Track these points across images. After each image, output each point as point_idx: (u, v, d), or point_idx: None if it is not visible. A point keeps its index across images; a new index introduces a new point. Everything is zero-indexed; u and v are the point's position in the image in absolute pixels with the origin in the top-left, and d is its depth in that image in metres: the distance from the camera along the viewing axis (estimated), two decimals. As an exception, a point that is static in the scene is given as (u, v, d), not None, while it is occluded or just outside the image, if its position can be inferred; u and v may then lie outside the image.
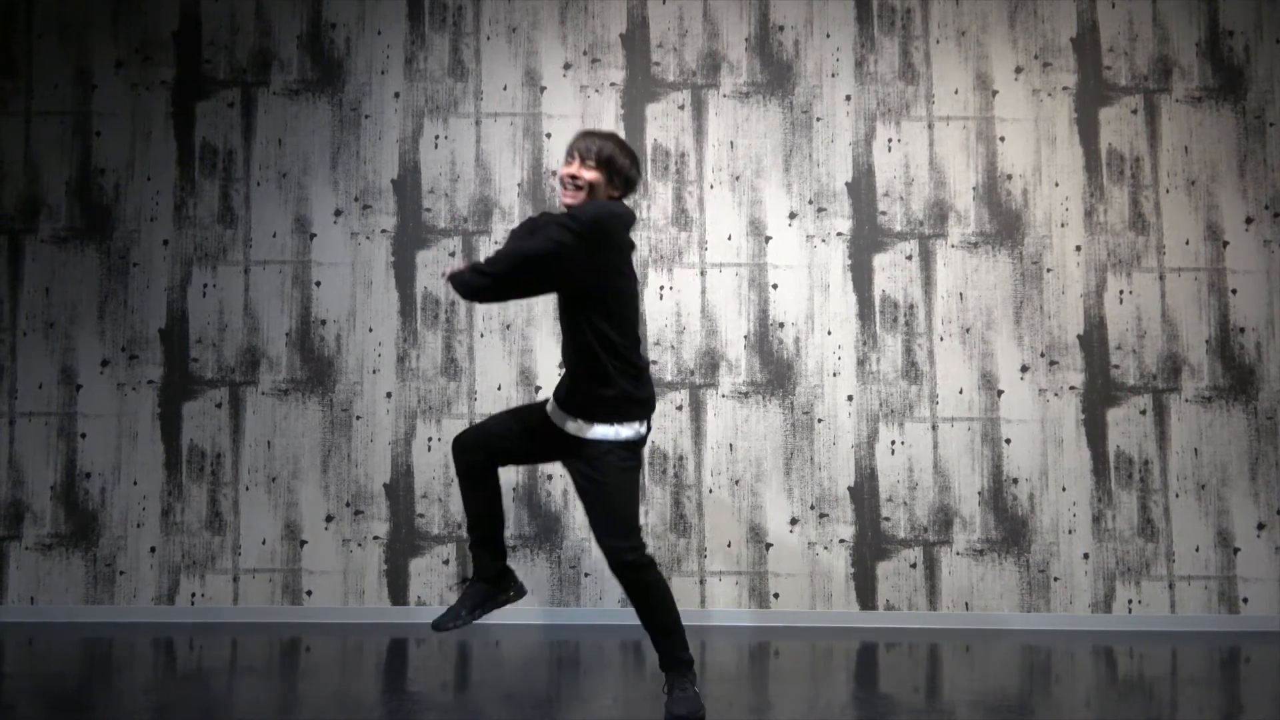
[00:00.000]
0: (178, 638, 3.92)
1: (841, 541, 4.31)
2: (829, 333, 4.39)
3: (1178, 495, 4.31)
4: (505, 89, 4.52)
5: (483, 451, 2.89)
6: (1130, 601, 4.27)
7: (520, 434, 2.91)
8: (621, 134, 4.46)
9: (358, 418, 4.39)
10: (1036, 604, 4.27)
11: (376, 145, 4.51)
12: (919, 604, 4.29)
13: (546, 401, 2.96)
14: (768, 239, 4.44)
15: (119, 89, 4.55)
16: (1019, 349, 4.38)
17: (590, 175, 2.79)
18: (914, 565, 4.30)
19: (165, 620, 4.29)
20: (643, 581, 2.77)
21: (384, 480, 4.37)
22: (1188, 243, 4.42)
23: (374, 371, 4.41)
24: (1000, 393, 4.36)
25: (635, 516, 2.80)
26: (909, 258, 4.43)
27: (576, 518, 4.33)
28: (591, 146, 2.80)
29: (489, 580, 2.97)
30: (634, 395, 2.79)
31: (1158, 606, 4.27)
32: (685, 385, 4.37)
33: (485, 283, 2.71)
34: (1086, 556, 4.29)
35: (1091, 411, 4.35)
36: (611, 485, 2.77)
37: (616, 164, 2.82)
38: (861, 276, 4.42)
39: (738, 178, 4.46)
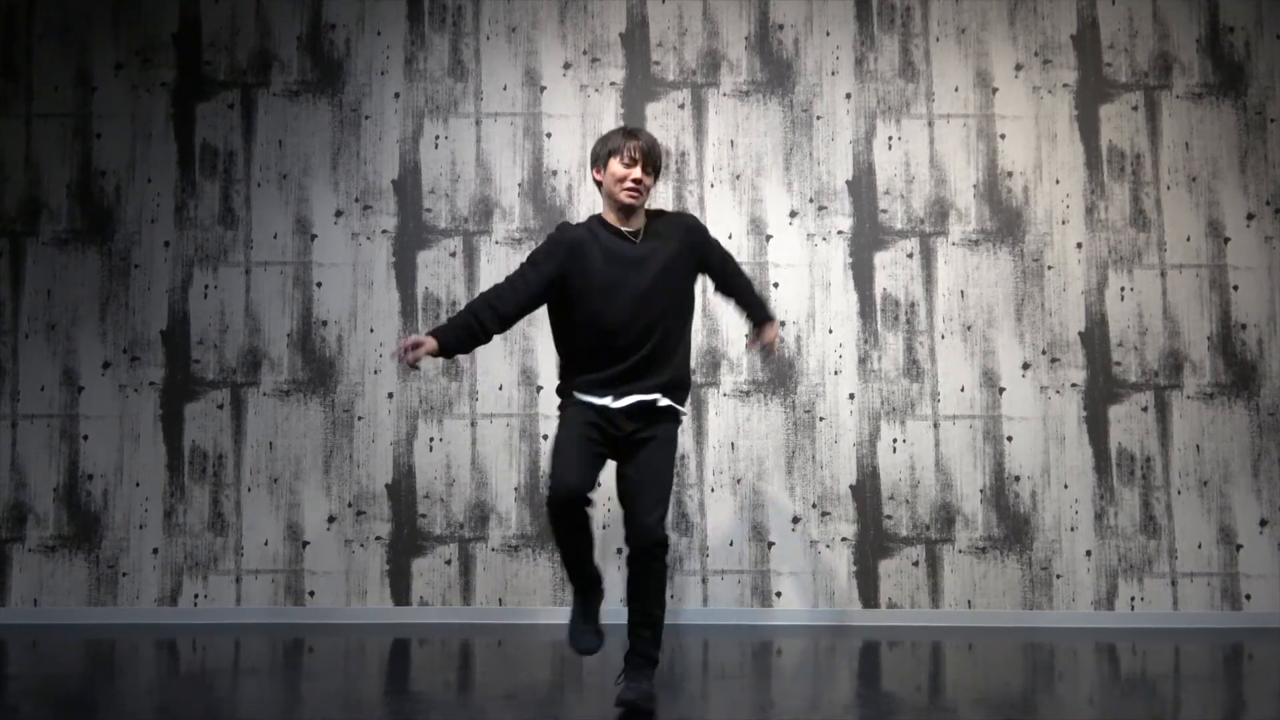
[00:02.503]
0: (180, 639, 3.92)
1: (844, 540, 4.31)
2: (830, 331, 4.39)
3: (1180, 492, 4.31)
4: (505, 89, 4.52)
5: (587, 493, 2.79)
6: (1133, 598, 4.27)
7: (598, 452, 2.85)
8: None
9: (359, 418, 4.40)
10: (1039, 601, 4.27)
11: (377, 146, 4.51)
12: (921, 602, 4.29)
13: (583, 414, 2.86)
14: (768, 237, 4.44)
15: (119, 91, 4.55)
16: (1020, 346, 4.37)
17: (650, 180, 2.89)
18: (916, 563, 4.30)
19: (168, 621, 4.29)
20: (665, 564, 2.83)
21: (386, 481, 4.37)
22: (1189, 239, 4.41)
23: (375, 372, 4.42)
24: (1002, 390, 4.36)
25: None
26: (910, 255, 4.42)
27: (578, 517, 4.33)
28: (653, 151, 2.90)
29: (595, 588, 2.97)
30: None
31: (1160, 603, 4.27)
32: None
33: None
34: (1089, 554, 4.28)
35: (1093, 408, 4.35)
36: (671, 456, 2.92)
37: (659, 168, 2.96)
38: (862, 274, 4.42)
39: (738, 176, 4.46)
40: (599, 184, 2.91)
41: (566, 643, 3.04)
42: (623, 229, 2.87)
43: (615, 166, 2.85)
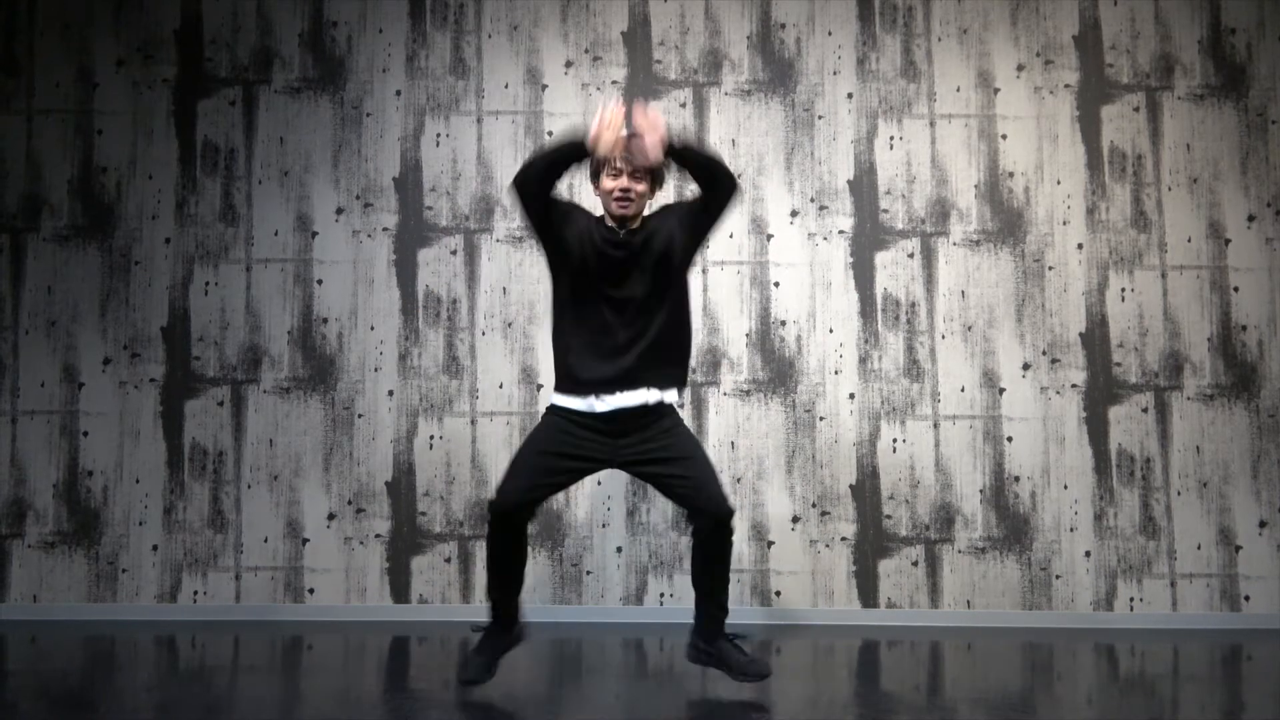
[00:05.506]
0: (180, 636, 3.92)
1: (843, 539, 4.32)
2: (831, 330, 4.39)
3: (1179, 493, 4.31)
4: (507, 87, 4.52)
5: (532, 507, 2.88)
6: (1132, 599, 4.27)
7: (558, 466, 2.91)
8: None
9: (359, 416, 4.40)
10: (1038, 602, 4.28)
11: (378, 143, 4.51)
12: (921, 602, 4.29)
13: (558, 419, 2.93)
14: (769, 237, 4.44)
15: (120, 87, 4.55)
16: (1021, 347, 4.38)
17: (641, 187, 2.94)
18: (916, 563, 4.30)
19: (167, 618, 4.29)
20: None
21: (386, 478, 4.37)
22: (1190, 240, 4.41)
23: (376, 369, 4.42)
24: (1002, 391, 4.36)
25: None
26: (911, 255, 4.42)
27: (578, 516, 4.34)
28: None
29: (509, 629, 2.99)
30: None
31: (1159, 604, 4.27)
32: (686, 383, 4.36)
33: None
34: (1088, 554, 4.29)
35: (1093, 409, 4.35)
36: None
37: (659, 172, 2.97)
38: (863, 274, 4.42)
39: (740, 175, 4.46)
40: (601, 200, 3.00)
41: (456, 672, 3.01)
42: (618, 230, 2.95)
43: (605, 181, 2.96)
